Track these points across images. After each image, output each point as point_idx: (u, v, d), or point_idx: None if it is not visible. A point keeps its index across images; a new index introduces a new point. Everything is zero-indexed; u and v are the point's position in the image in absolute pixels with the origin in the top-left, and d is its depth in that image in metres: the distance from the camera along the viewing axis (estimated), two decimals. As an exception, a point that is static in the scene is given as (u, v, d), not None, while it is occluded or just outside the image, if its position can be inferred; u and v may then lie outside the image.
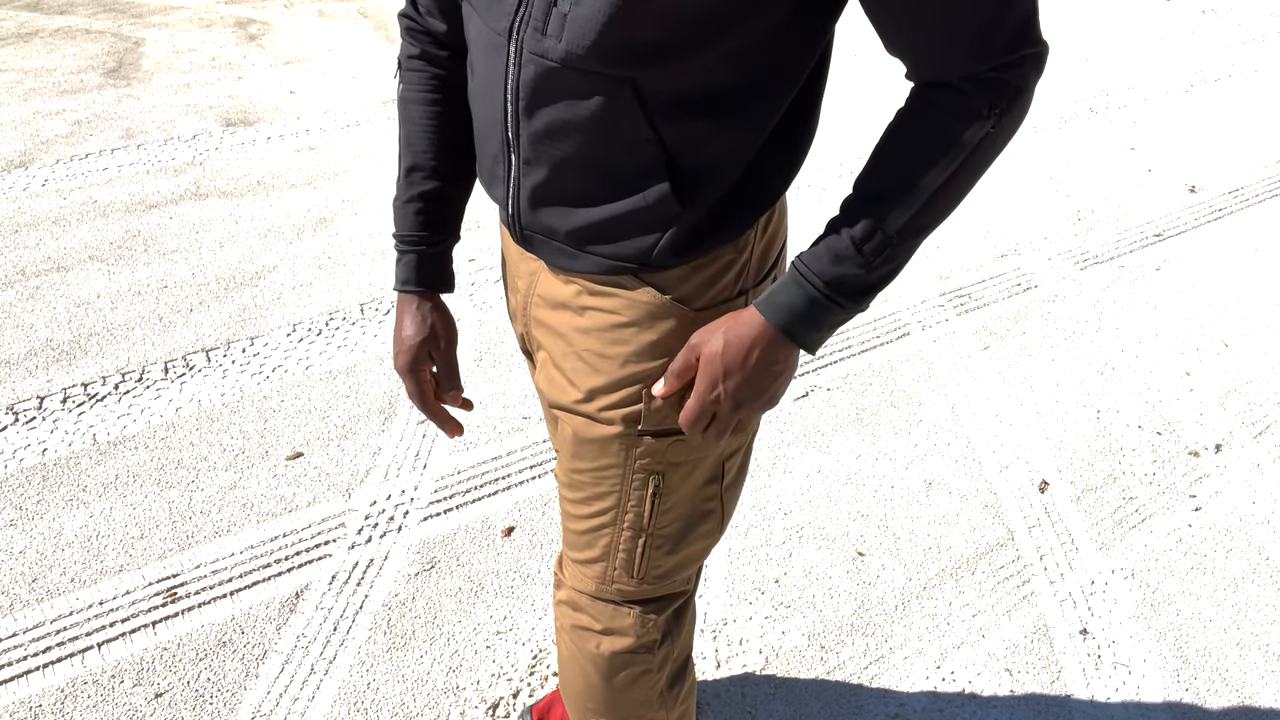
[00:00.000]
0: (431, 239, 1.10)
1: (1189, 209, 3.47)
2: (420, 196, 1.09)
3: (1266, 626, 1.91)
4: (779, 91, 0.90)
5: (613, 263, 0.95)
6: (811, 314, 0.88)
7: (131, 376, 2.49)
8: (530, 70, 0.87)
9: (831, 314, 0.89)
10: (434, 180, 1.09)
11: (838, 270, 0.86)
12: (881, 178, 0.86)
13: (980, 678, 1.80)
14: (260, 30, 4.94)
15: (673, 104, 0.86)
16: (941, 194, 0.85)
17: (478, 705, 1.73)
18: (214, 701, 1.72)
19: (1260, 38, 5.21)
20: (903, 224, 0.85)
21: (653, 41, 0.82)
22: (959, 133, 0.82)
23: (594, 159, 0.90)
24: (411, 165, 1.09)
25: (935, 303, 2.90)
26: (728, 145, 0.90)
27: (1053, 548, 2.08)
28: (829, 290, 0.87)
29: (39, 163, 3.52)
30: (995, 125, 0.82)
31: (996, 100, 0.81)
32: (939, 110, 0.83)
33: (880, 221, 0.85)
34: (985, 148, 0.84)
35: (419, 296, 1.12)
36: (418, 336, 1.11)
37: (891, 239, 0.85)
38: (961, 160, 0.83)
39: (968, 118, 0.82)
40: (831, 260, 0.86)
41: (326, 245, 3.09)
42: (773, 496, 2.19)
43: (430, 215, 1.09)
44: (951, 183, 0.84)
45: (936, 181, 0.84)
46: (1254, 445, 2.38)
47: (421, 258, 1.10)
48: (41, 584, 1.93)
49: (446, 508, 2.13)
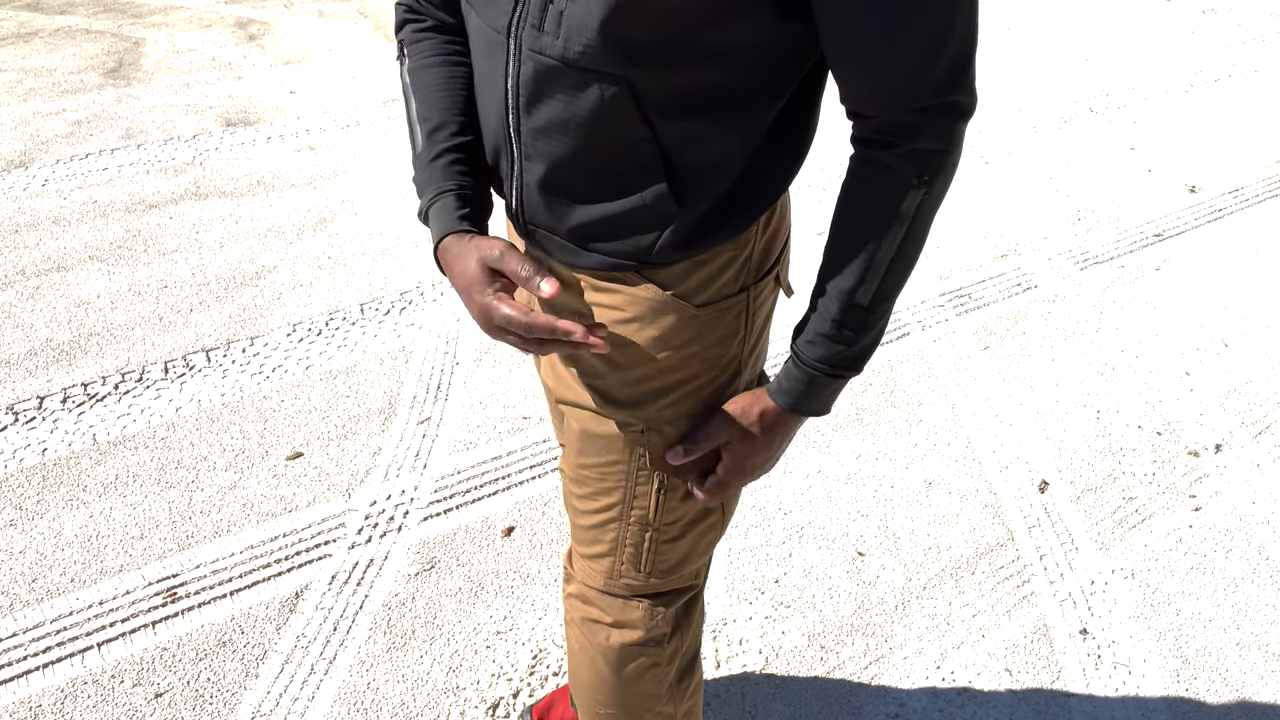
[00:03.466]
0: (470, 185, 0.98)
1: (1189, 209, 3.47)
2: (451, 149, 0.98)
3: (1266, 626, 1.91)
4: (776, 91, 0.90)
5: (614, 260, 0.96)
6: (818, 391, 0.98)
7: (131, 376, 2.49)
8: (529, 67, 0.88)
9: (836, 385, 0.98)
10: (464, 135, 0.99)
11: (829, 351, 0.95)
12: (841, 257, 0.93)
13: (980, 678, 1.80)
14: (260, 30, 4.94)
15: (669, 103, 0.87)
16: (896, 262, 0.91)
17: (478, 705, 1.73)
18: (214, 701, 1.72)
19: (1260, 38, 5.21)
20: (871, 294, 0.92)
21: (648, 40, 0.83)
22: (897, 206, 0.89)
23: (592, 156, 0.90)
24: (438, 124, 0.99)
25: (935, 303, 2.90)
26: (725, 145, 0.90)
27: (1053, 548, 2.08)
28: (828, 369, 0.96)
29: (39, 163, 3.52)
30: (927, 192, 0.89)
31: (924, 170, 0.87)
32: (873, 189, 0.90)
33: (850, 297, 0.92)
34: (923, 213, 0.90)
35: (461, 238, 0.95)
36: (474, 266, 0.93)
37: (867, 309, 0.93)
38: (906, 228, 0.90)
39: (901, 190, 0.88)
40: (820, 344, 0.95)
41: (326, 245, 3.09)
42: (773, 496, 2.19)
43: (465, 164, 0.98)
44: (902, 250, 0.91)
45: (890, 252, 0.91)
46: (1254, 445, 2.38)
47: (462, 199, 0.97)
48: (41, 584, 1.93)
49: (446, 508, 2.13)
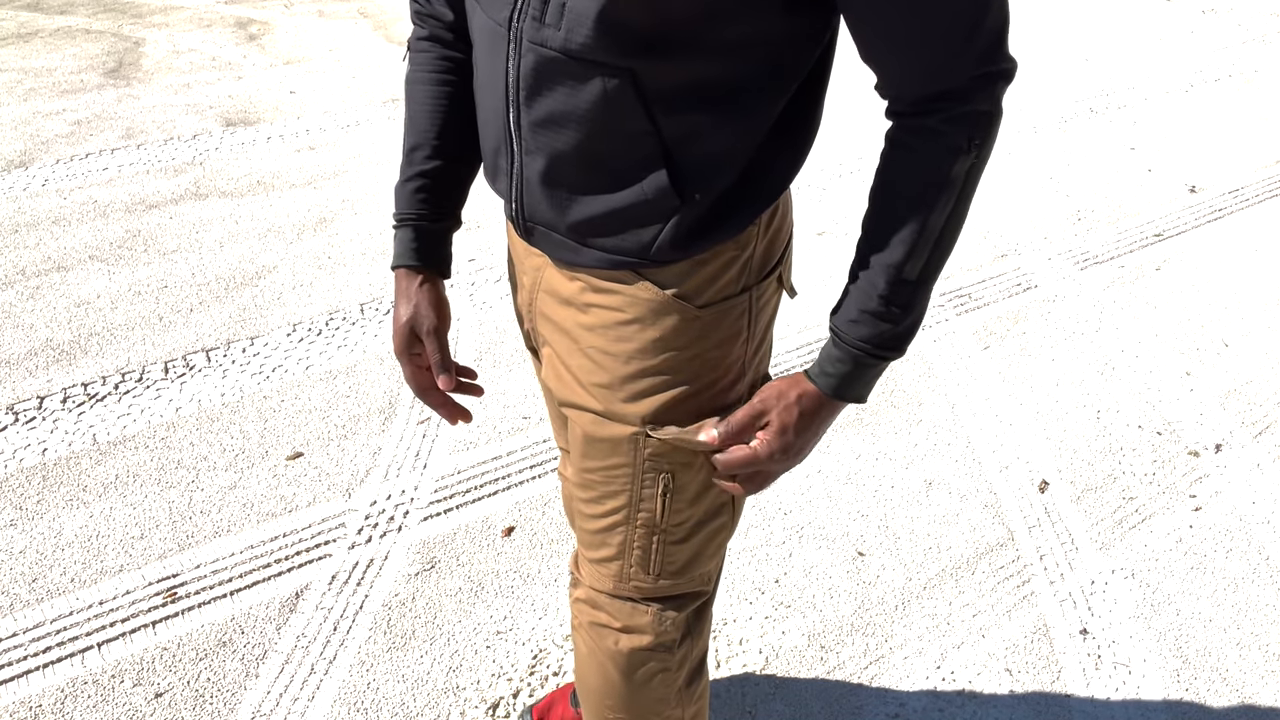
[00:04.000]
0: (430, 216, 1.08)
1: (1189, 209, 3.47)
2: (421, 174, 1.07)
3: (1266, 626, 1.92)
4: (780, 87, 0.90)
5: (614, 257, 0.95)
6: (861, 374, 0.95)
7: (131, 376, 2.49)
8: (530, 59, 0.88)
9: (878, 368, 0.95)
10: (436, 160, 1.07)
11: (875, 330, 0.92)
12: (886, 230, 0.90)
13: (980, 678, 1.80)
14: (260, 30, 4.95)
15: (671, 96, 0.86)
16: (946, 231, 0.89)
17: (478, 705, 1.73)
18: (214, 701, 1.72)
19: (1260, 38, 5.21)
20: (920, 268, 0.90)
21: (650, 31, 0.82)
22: (948, 171, 0.87)
23: (593, 150, 0.90)
24: (414, 144, 1.07)
25: (935, 303, 2.90)
26: (727, 139, 0.90)
27: (1053, 548, 2.08)
28: (872, 349, 0.93)
29: (39, 163, 3.52)
30: (977, 156, 0.87)
31: (974, 133, 0.86)
32: (924, 155, 0.87)
33: (899, 271, 0.89)
34: (972, 177, 0.88)
35: (411, 274, 1.08)
36: (404, 317, 1.08)
37: (915, 284, 0.90)
38: (957, 195, 0.88)
39: (952, 155, 0.86)
40: (865, 322, 0.92)
41: (326, 245, 3.09)
42: (773, 496, 2.19)
43: (430, 193, 1.07)
44: (952, 219, 0.89)
45: (940, 221, 0.88)
46: (1254, 445, 2.38)
47: (418, 232, 1.08)
48: (41, 584, 1.93)
49: (446, 508, 2.13)
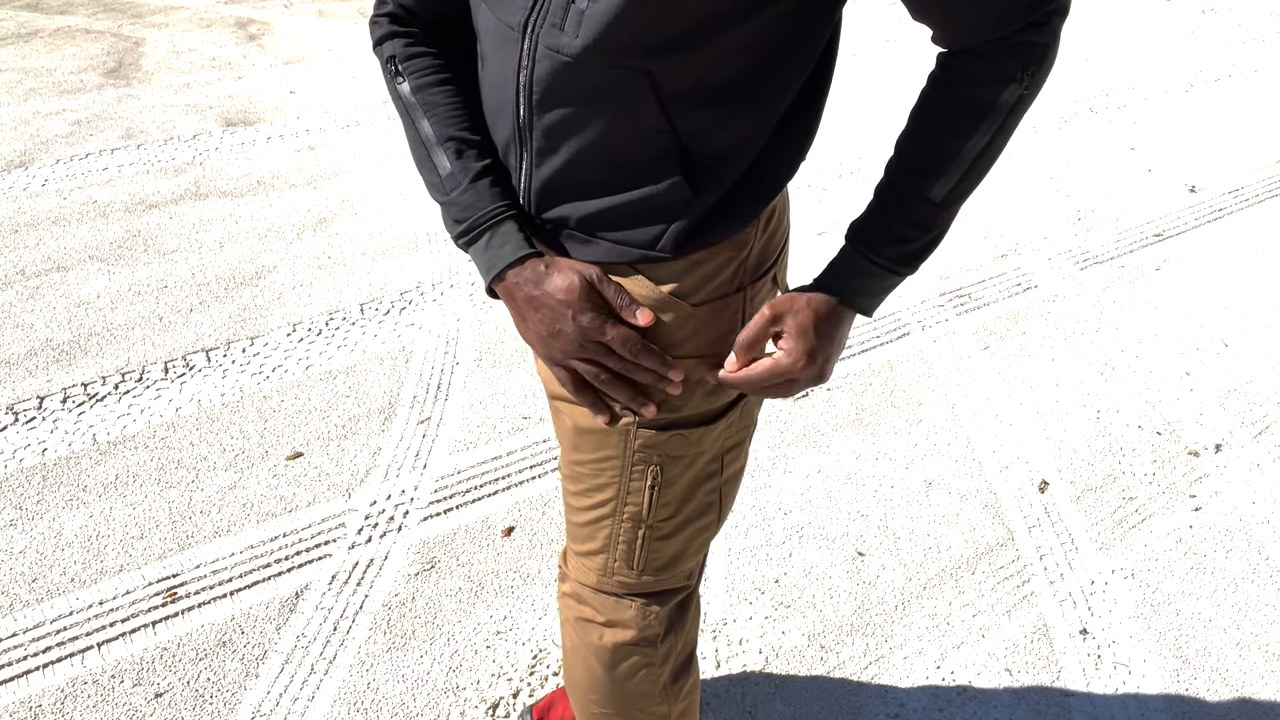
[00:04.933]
0: (513, 204, 0.98)
1: (1189, 209, 3.47)
2: (487, 170, 0.97)
3: (1266, 626, 1.91)
4: (790, 78, 0.91)
5: (621, 249, 0.95)
6: (873, 284, 0.95)
7: (131, 376, 2.49)
8: (545, 65, 0.88)
9: (890, 281, 0.95)
10: (486, 156, 0.99)
11: (893, 242, 0.92)
12: (924, 149, 0.89)
13: (980, 678, 1.80)
14: (260, 30, 4.94)
15: (687, 94, 0.87)
16: (982, 158, 0.89)
17: (478, 705, 1.73)
18: (214, 701, 1.72)
19: (1260, 38, 5.21)
20: (948, 191, 0.90)
21: (669, 34, 0.83)
22: (995, 98, 0.86)
23: (607, 150, 0.91)
24: (461, 146, 0.98)
25: (935, 303, 2.90)
26: (739, 132, 0.91)
27: (1053, 548, 2.08)
28: (887, 262, 0.93)
29: (39, 163, 3.52)
30: (1028, 86, 0.86)
31: (1028, 62, 0.85)
32: (973, 79, 0.86)
33: (926, 192, 0.89)
34: (1019, 109, 0.87)
35: (537, 260, 0.95)
36: (568, 280, 0.93)
37: (939, 206, 0.90)
38: (1000, 124, 0.87)
39: (1003, 82, 0.85)
40: (886, 234, 0.92)
41: (326, 245, 3.09)
42: (773, 496, 2.19)
43: (501, 185, 0.98)
44: (991, 146, 0.88)
45: (977, 147, 0.88)
46: (1254, 445, 2.38)
47: (518, 222, 0.96)
48: (41, 584, 1.93)
49: (446, 508, 2.13)
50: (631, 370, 0.96)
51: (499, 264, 0.95)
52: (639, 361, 0.95)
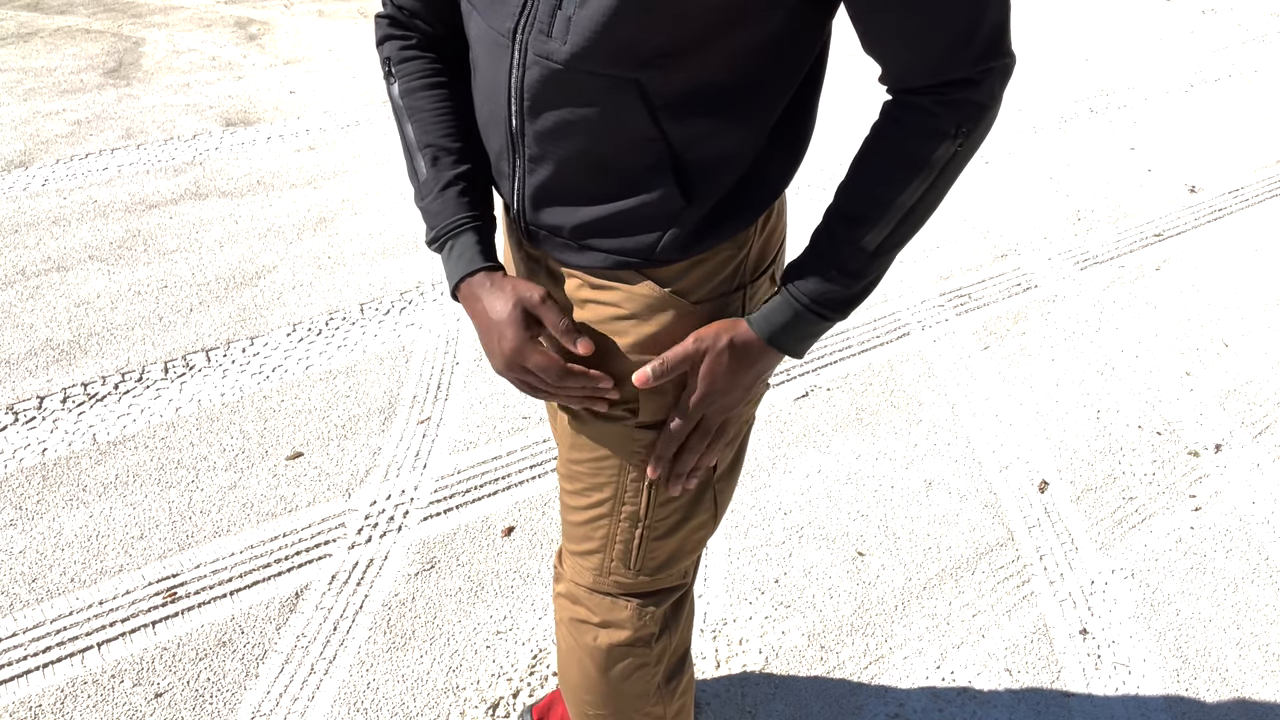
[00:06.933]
0: (480, 216, 1.00)
1: (1189, 209, 3.47)
2: (457, 179, 0.99)
3: (1266, 626, 1.92)
4: (782, 86, 0.91)
5: (617, 258, 0.96)
6: (800, 327, 0.95)
7: (131, 376, 2.49)
8: (535, 72, 0.88)
9: (818, 325, 0.95)
10: (465, 163, 1.00)
11: (822, 288, 0.92)
12: (858, 199, 0.90)
13: (980, 678, 1.80)
14: (260, 30, 4.95)
15: (677, 102, 0.87)
16: (915, 211, 0.90)
17: (478, 705, 1.73)
18: (214, 701, 1.72)
19: (1260, 38, 5.21)
20: (880, 242, 0.90)
21: (657, 43, 0.83)
22: (929, 154, 0.87)
23: (599, 158, 0.91)
24: (437, 153, 1.00)
25: (935, 303, 2.90)
26: (732, 141, 0.91)
27: (1053, 548, 2.08)
28: (816, 306, 0.93)
29: (39, 163, 3.52)
30: (962, 144, 0.87)
31: (963, 120, 0.85)
32: (909, 131, 0.87)
33: (859, 240, 0.90)
34: (953, 165, 0.88)
35: (489, 275, 0.97)
36: (508, 303, 0.95)
37: (871, 255, 0.91)
38: (932, 180, 0.88)
39: (937, 138, 0.86)
40: (816, 279, 0.92)
41: (326, 245, 3.09)
42: (773, 496, 2.19)
43: (471, 195, 1.00)
44: (923, 200, 0.89)
45: (910, 201, 0.89)
46: (1254, 445, 2.38)
47: (479, 234, 0.98)
48: (41, 584, 1.93)
49: (446, 508, 2.13)
50: (558, 393, 0.99)
51: (454, 275, 0.98)
52: (562, 386, 0.97)
